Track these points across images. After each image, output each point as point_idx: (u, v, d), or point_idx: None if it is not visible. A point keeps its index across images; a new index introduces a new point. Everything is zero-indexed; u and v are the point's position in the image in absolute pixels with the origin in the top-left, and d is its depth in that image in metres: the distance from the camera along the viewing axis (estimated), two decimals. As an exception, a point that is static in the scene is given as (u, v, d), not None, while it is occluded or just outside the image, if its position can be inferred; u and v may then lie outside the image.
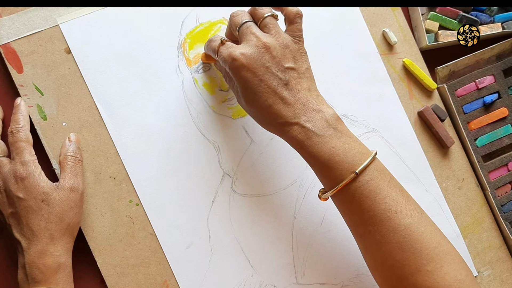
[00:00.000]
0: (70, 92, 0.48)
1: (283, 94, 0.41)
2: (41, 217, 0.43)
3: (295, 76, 0.42)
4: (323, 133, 0.41)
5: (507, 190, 0.57)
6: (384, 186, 0.41)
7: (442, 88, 0.56)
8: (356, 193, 0.41)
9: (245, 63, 0.41)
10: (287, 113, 0.41)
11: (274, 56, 0.41)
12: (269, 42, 0.41)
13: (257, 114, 0.43)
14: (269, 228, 0.51)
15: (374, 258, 0.42)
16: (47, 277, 0.42)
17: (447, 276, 0.39)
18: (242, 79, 0.41)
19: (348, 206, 0.42)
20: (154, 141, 0.50)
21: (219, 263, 0.50)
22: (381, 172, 0.42)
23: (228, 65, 0.42)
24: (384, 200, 0.40)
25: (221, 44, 0.43)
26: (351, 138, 0.42)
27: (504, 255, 0.57)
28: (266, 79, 0.41)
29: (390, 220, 0.40)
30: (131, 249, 0.49)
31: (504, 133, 0.57)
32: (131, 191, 0.49)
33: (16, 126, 0.45)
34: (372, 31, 0.55)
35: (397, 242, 0.40)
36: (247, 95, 0.42)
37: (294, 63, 0.42)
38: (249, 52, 0.41)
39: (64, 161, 0.46)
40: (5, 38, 0.47)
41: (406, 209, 0.41)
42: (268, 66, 0.41)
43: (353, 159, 0.40)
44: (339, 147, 0.41)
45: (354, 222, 0.43)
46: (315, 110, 0.41)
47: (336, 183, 0.41)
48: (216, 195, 0.51)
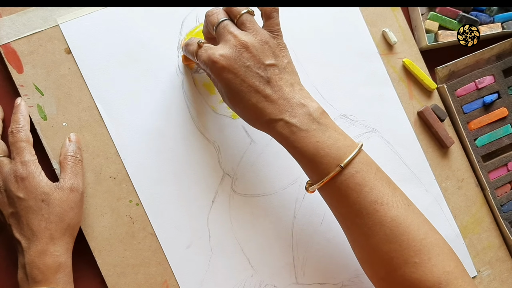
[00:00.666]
0: (70, 92, 0.48)
1: (266, 91, 0.41)
2: (41, 217, 0.43)
3: (277, 72, 0.42)
4: (307, 128, 0.41)
5: (506, 190, 0.57)
6: (370, 178, 0.41)
7: (442, 88, 0.56)
8: (342, 186, 0.41)
9: (225, 64, 0.41)
10: (271, 110, 0.41)
11: (253, 54, 0.41)
12: (247, 41, 0.41)
13: (243, 113, 0.44)
14: (269, 228, 0.51)
15: (362, 250, 0.43)
16: (47, 277, 0.42)
17: (435, 268, 0.39)
18: (224, 81, 0.41)
19: (335, 199, 0.42)
20: (154, 141, 0.50)
21: (219, 263, 0.50)
22: (367, 164, 0.42)
23: (209, 68, 0.42)
24: (370, 192, 0.40)
25: (198, 47, 0.43)
26: (336, 131, 0.42)
27: (503, 255, 0.57)
28: (247, 79, 0.41)
29: (377, 212, 0.40)
30: (131, 249, 0.49)
31: (504, 133, 0.57)
32: (131, 191, 0.49)
33: (16, 126, 0.45)
34: (372, 31, 0.55)
35: (384, 234, 0.40)
36: (231, 96, 0.42)
37: (275, 59, 0.42)
38: (228, 53, 0.41)
39: (65, 161, 0.46)
40: (5, 38, 0.47)
41: (393, 201, 0.41)
42: (249, 65, 0.41)
43: (338, 152, 0.40)
44: (324, 141, 0.41)
45: (341, 215, 0.43)
46: (299, 105, 0.41)
47: (322, 176, 0.41)
48: (216, 195, 0.51)
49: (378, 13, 0.55)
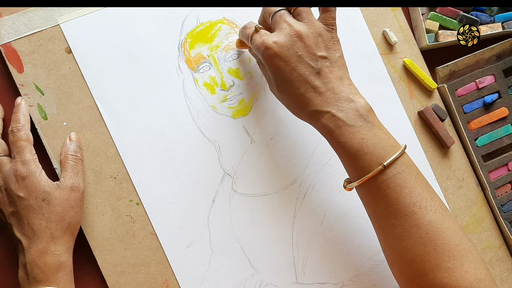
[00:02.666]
0: (71, 92, 0.48)
1: (315, 82, 0.41)
2: (41, 216, 0.43)
3: (327, 65, 0.42)
4: (353, 123, 0.41)
5: (507, 190, 0.57)
6: (411, 180, 0.41)
7: (442, 88, 0.56)
8: (382, 185, 0.41)
9: (278, 51, 0.41)
10: (318, 101, 0.41)
11: (306, 44, 0.41)
12: (302, 31, 0.41)
13: (288, 102, 0.44)
14: (269, 228, 0.51)
15: (394, 251, 0.42)
16: (47, 276, 0.42)
17: (467, 275, 0.39)
18: (274, 68, 0.42)
19: (373, 198, 0.42)
20: (154, 140, 0.50)
21: (220, 263, 0.50)
22: (409, 166, 0.42)
23: (261, 53, 0.42)
24: (410, 194, 0.40)
25: (255, 31, 0.44)
26: (382, 130, 0.42)
27: (504, 254, 0.57)
28: (298, 68, 0.41)
29: (414, 214, 0.40)
30: (132, 249, 0.49)
31: (504, 133, 0.57)
32: (131, 191, 0.49)
33: (17, 125, 0.45)
34: (372, 31, 0.55)
35: (420, 237, 0.40)
36: (279, 83, 0.43)
37: (327, 52, 0.42)
38: (282, 40, 0.41)
39: (65, 160, 0.46)
40: (5, 38, 0.47)
41: (431, 205, 0.40)
42: (301, 55, 0.41)
43: (382, 151, 0.41)
44: (369, 138, 0.41)
45: (377, 215, 0.42)
46: (347, 99, 0.41)
47: (363, 174, 0.41)
48: (217, 195, 0.51)
49: (379, 13, 0.55)
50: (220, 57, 0.51)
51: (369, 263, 0.53)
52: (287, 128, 0.52)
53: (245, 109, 0.52)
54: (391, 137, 0.42)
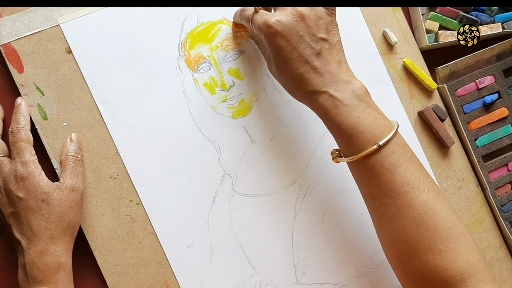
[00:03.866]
0: (71, 92, 0.48)
1: (315, 63, 0.42)
2: (41, 217, 0.43)
3: (327, 47, 0.43)
4: (349, 103, 0.41)
5: (507, 190, 0.57)
6: (405, 160, 0.41)
7: (442, 88, 0.56)
8: (376, 164, 0.41)
9: (280, 30, 0.42)
10: (316, 81, 0.42)
11: (308, 25, 0.42)
12: (304, 11, 0.42)
13: (286, 82, 0.44)
14: (269, 228, 0.51)
15: (387, 232, 0.42)
16: (47, 277, 0.42)
17: (460, 258, 0.39)
18: (275, 46, 0.42)
19: (367, 177, 0.42)
20: (154, 141, 0.50)
21: (220, 263, 0.50)
22: (403, 146, 0.42)
23: (263, 32, 0.43)
24: (403, 174, 0.41)
25: (255, 12, 0.44)
26: (377, 110, 0.43)
27: (503, 255, 0.57)
28: (299, 48, 0.42)
29: (407, 194, 0.40)
30: (132, 249, 0.49)
31: (504, 133, 0.57)
32: (131, 191, 0.49)
33: (17, 126, 0.45)
34: (372, 31, 0.55)
35: (412, 217, 0.40)
36: (279, 62, 0.43)
37: (327, 35, 0.43)
38: (284, 19, 0.42)
39: (65, 161, 0.46)
40: (5, 38, 0.47)
41: (424, 186, 0.41)
42: (302, 35, 0.42)
43: (377, 130, 0.41)
44: (364, 117, 0.41)
45: (371, 194, 0.43)
46: (344, 81, 0.42)
47: (357, 152, 0.41)
48: (217, 195, 0.51)
49: (379, 13, 0.55)
50: (220, 57, 0.51)
51: (369, 263, 0.53)
52: (287, 128, 0.53)
53: (245, 109, 0.52)
54: (386, 118, 0.43)
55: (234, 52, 0.52)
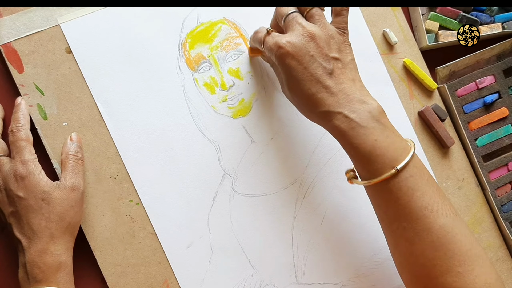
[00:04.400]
0: (71, 92, 0.48)
1: (327, 83, 0.41)
2: (41, 216, 0.43)
3: (340, 66, 0.42)
4: (366, 125, 0.41)
5: (507, 190, 0.57)
6: (423, 183, 0.41)
7: (443, 88, 0.56)
8: (394, 188, 0.40)
9: (291, 51, 0.41)
10: (330, 102, 0.41)
11: (319, 45, 0.42)
12: (314, 32, 0.42)
13: (299, 102, 0.44)
14: (269, 228, 0.51)
15: (404, 255, 0.42)
16: (47, 276, 0.42)
17: (477, 279, 0.39)
18: (286, 67, 0.42)
19: (384, 200, 0.42)
20: (154, 140, 0.50)
21: (220, 263, 0.50)
22: (420, 169, 0.41)
23: (274, 53, 0.42)
24: (422, 197, 0.40)
25: (267, 34, 0.44)
26: (394, 132, 0.42)
27: (504, 255, 0.57)
28: (310, 68, 0.41)
29: (426, 218, 0.40)
30: (132, 249, 0.49)
31: (504, 133, 0.57)
32: (131, 191, 0.49)
33: (17, 125, 0.45)
34: (372, 31, 0.55)
35: (431, 241, 0.40)
36: (291, 83, 0.43)
37: (339, 54, 0.42)
38: (295, 40, 0.42)
39: (66, 160, 0.46)
40: (5, 38, 0.47)
41: (442, 209, 0.40)
42: (313, 55, 0.41)
43: (395, 154, 0.40)
44: (382, 140, 0.40)
45: (388, 217, 0.42)
46: (359, 101, 0.41)
47: (375, 175, 0.41)
48: (217, 195, 0.51)
49: (379, 13, 0.55)
50: (220, 57, 0.51)
51: (369, 263, 0.53)
52: (287, 128, 0.53)
53: (245, 109, 0.52)
54: (403, 139, 0.42)
55: (234, 52, 0.52)
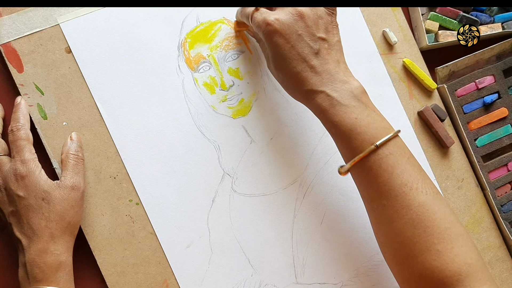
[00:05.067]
0: (71, 92, 0.48)
1: (312, 62, 0.42)
2: (41, 216, 0.43)
3: (326, 47, 0.43)
4: (347, 103, 0.41)
5: (506, 190, 0.57)
6: (403, 162, 0.41)
7: (442, 88, 0.56)
8: (374, 165, 0.41)
9: (279, 28, 0.42)
10: (314, 81, 0.42)
11: (307, 24, 0.42)
12: (303, 11, 0.42)
13: (284, 80, 0.44)
14: (269, 228, 0.51)
15: (385, 233, 0.42)
16: (47, 276, 0.42)
17: (457, 258, 0.39)
18: (274, 44, 0.43)
19: (365, 178, 0.42)
20: (154, 140, 0.50)
21: (219, 263, 0.50)
22: (401, 148, 0.42)
23: (262, 30, 0.43)
24: (401, 175, 0.40)
25: (255, 10, 0.44)
26: (375, 112, 0.43)
27: (503, 255, 0.57)
28: (297, 46, 0.42)
29: (405, 195, 0.40)
30: (131, 248, 0.49)
31: (504, 133, 0.57)
32: (131, 191, 0.49)
33: (17, 124, 0.45)
34: (372, 31, 0.55)
35: (410, 218, 0.40)
36: (277, 60, 0.43)
37: (326, 34, 0.43)
38: (283, 18, 0.42)
39: (66, 159, 0.46)
40: (5, 38, 0.47)
41: (422, 187, 0.41)
42: (301, 34, 0.42)
43: (375, 131, 0.41)
44: (362, 118, 0.41)
45: (369, 196, 0.43)
46: (342, 81, 0.42)
47: (356, 154, 0.41)
48: (216, 195, 0.51)
49: (379, 13, 0.55)
50: (220, 57, 0.51)
51: (369, 263, 0.53)
52: (287, 128, 0.53)
53: (245, 109, 0.52)
54: (384, 119, 0.43)
55: (234, 52, 0.52)
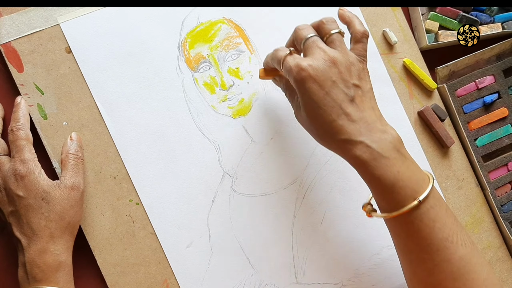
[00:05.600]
0: (71, 91, 0.48)
1: (348, 109, 0.40)
2: (41, 216, 0.43)
3: (360, 94, 0.41)
4: (388, 155, 0.40)
5: (507, 190, 0.57)
6: (443, 215, 0.40)
7: (442, 88, 0.56)
8: (416, 220, 0.40)
9: (312, 74, 0.40)
10: (351, 130, 0.40)
11: (340, 71, 0.41)
12: (336, 57, 0.41)
13: (318, 128, 0.42)
14: (269, 228, 0.51)
15: (423, 284, 0.42)
16: (47, 276, 0.42)
17: None
18: (307, 91, 0.41)
19: (405, 232, 0.41)
20: (154, 140, 0.50)
21: (219, 263, 0.50)
22: (439, 200, 0.41)
23: (294, 75, 0.41)
24: (442, 229, 0.40)
25: (289, 54, 0.42)
26: (413, 163, 0.41)
27: (503, 255, 0.57)
28: (332, 93, 0.40)
29: (446, 249, 0.40)
30: (131, 248, 0.49)
31: (504, 133, 0.57)
32: (131, 190, 0.49)
33: (16, 124, 0.45)
34: (372, 31, 0.55)
35: (451, 272, 0.40)
36: (311, 108, 0.41)
37: (359, 81, 0.42)
38: (317, 64, 0.40)
39: (66, 159, 0.46)
40: (5, 37, 0.47)
41: (462, 239, 0.40)
42: (335, 80, 0.40)
43: (416, 185, 0.40)
44: (404, 171, 0.40)
45: (406, 248, 0.42)
46: (380, 130, 0.41)
47: (397, 207, 0.40)
48: (216, 195, 0.51)
49: (379, 13, 0.55)
50: (220, 57, 0.51)
51: (369, 263, 0.53)
52: (287, 128, 0.52)
53: (245, 109, 0.52)
54: (420, 169, 0.42)
55: (234, 52, 0.52)
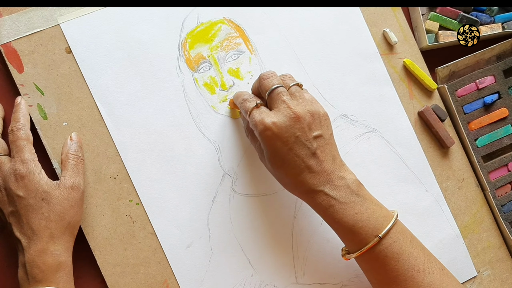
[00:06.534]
0: (71, 92, 0.48)
1: (310, 163, 0.43)
2: (41, 216, 0.43)
3: (322, 144, 0.44)
4: (346, 200, 0.43)
5: (507, 190, 0.57)
6: (407, 246, 0.43)
7: (443, 88, 0.56)
8: (380, 255, 0.42)
9: (276, 132, 0.42)
10: (312, 181, 0.43)
11: (303, 127, 0.43)
12: (299, 112, 0.43)
13: (283, 179, 0.46)
14: (269, 228, 0.51)
15: None
16: (47, 276, 0.42)
17: None
18: (271, 147, 0.43)
19: (372, 267, 0.44)
20: (154, 140, 0.50)
21: (219, 263, 0.50)
22: (403, 233, 0.43)
23: (258, 131, 0.43)
24: (407, 260, 0.42)
25: (255, 107, 0.45)
26: (373, 202, 0.44)
27: (503, 255, 0.57)
28: (295, 148, 0.43)
29: (414, 279, 0.42)
30: (131, 249, 0.49)
31: (504, 133, 0.57)
32: (131, 191, 0.49)
33: (17, 124, 0.45)
34: (372, 31, 0.55)
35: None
36: (275, 161, 0.44)
37: (321, 130, 0.44)
38: (281, 121, 0.43)
39: (66, 160, 0.46)
40: (5, 38, 0.47)
41: (428, 267, 0.42)
42: (298, 136, 0.43)
43: (376, 223, 0.42)
44: (362, 212, 0.43)
45: (378, 281, 0.44)
46: (338, 177, 0.43)
47: (360, 246, 0.43)
48: (216, 195, 0.51)
49: (379, 13, 0.55)
50: (220, 57, 0.51)
51: (369, 263, 0.53)
52: (287, 128, 0.52)
53: (245, 109, 0.52)
54: (383, 207, 0.44)
55: (234, 52, 0.52)
